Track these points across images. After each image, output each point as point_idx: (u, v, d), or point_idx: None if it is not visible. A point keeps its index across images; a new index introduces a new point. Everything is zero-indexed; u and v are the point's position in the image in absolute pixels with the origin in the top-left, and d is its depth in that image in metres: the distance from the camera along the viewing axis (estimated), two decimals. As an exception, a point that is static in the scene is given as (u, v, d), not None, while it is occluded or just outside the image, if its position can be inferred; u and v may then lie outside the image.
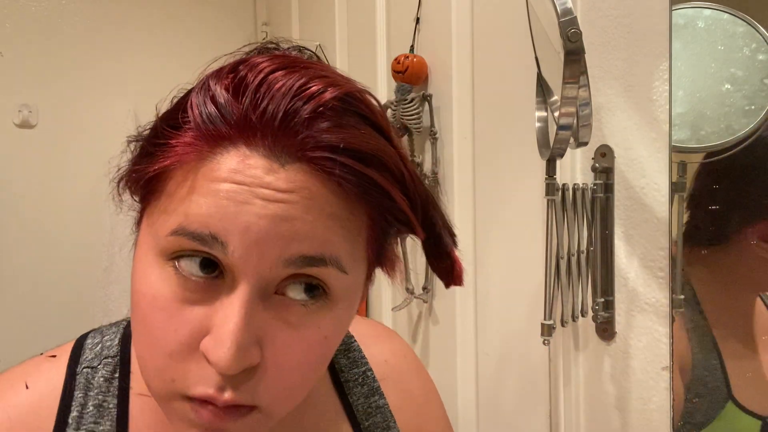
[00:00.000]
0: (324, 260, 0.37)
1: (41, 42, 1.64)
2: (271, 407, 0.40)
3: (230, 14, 1.85)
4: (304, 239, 0.37)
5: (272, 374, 0.38)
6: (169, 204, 0.38)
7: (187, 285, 0.37)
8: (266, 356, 0.38)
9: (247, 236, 0.36)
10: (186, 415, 0.38)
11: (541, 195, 0.70)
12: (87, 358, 0.49)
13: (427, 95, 1.08)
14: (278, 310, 0.38)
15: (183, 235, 0.37)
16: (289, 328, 0.38)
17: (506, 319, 0.97)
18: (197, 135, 0.38)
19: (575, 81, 0.58)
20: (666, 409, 0.73)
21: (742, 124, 0.70)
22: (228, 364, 0.35)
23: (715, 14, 0.73)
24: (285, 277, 0.38)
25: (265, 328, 0.37)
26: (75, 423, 0.45)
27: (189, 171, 0.37)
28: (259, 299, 0.37)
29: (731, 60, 0.71)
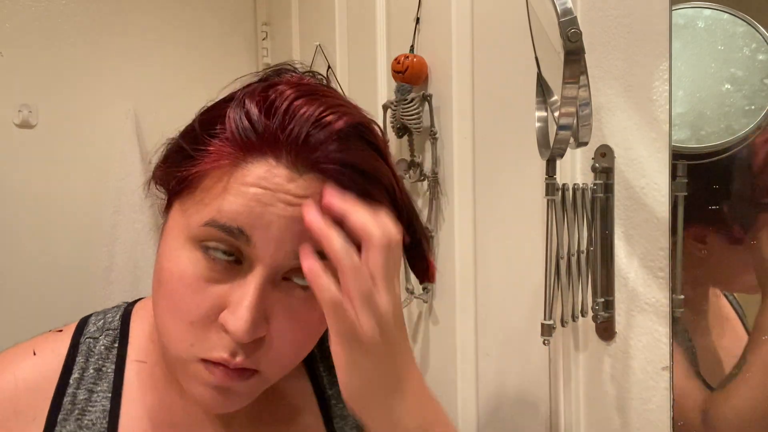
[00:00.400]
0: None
1: (41, 42, 1.64)
2: (268, 373, 0.48)
3: (230, 14, 1.85)
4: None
5: (275, 345, 0.47)
6: (204, 198, 0.45)
7: (211, 267, 0.45)
8: (271, 330, 0.46)
9: (268, 232, 0.44)
10: (200, 374, 0.46)
11: (541, 195, 0.70)
12: (90, 330, 0.56)
13: (427, 95, 1.08)
14: (284, 292, 0.47)
15: (215, 226, 0.45)
16: (292, 308, 0.47)
17: (506, 319, 0.97)
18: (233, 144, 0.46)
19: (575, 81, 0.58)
20: (666, 409, 0.73)
21: (742, 124, 0.70)
22: (243, 333, 0.43)
23: (715, 14, 0.73)
24: (293, 266, 0.46)
25: (272, 307, 0.46)
26: (76, 383, 0.52)
27: (224, 173, 0.45)
28: (270, 282, 0.45)
29: (731, 60, 0.71)
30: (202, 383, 0.47)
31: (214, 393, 0.47)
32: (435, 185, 1.08)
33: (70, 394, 0.52)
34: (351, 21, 1.38)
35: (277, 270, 0.46)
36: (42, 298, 1.59)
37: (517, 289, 0.94)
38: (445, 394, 1.10)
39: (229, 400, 0.48)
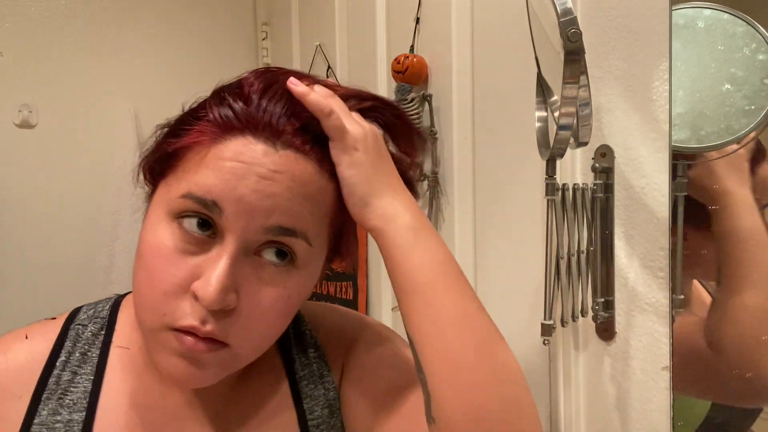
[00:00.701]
0: (295, 232, 0.48)
1: (41, 42, 1.64)
2: (239, 347, 0.49)
3: (230, 14, 1.85)
4: (283, 213, 0.47)
5: (244, 318, 0.48)
6: (184, 174, 0.48)
7: (187, 239, 0.47)
8: (241, 303, 0.48)
9: (240, 205, 0.46)
10: (170, 344, 0.48)
11: (541, 195, 0.70)
12: (80, 318, 0.59)
13: (427, 95, 1.08)
14: (255, 267, 0.48)
15: (190, 198, 0.47)
16: (262, 283, 0.48)
17: (506, 319, 0.97)
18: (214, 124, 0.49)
19: (575, 81, 0.58)
20: (666, 409, 0.73)
21: (742, 124, 0.70)
22: (212, 299, 0.45)
23: (715, 14, 0.73)
24: (263, 242, 0.48)
25: (243, 280, 0.47)
26: (62, 365, 0.55)
27: (203, 148, 0.48)
28: (241, 256, 0.47)
29: (731, 60, 0.71)
30: (172, 353, 0.48)
31: (183, 363, 0.48)
32: (435, 185, 1.08)
33: (55, 375, 0.54)
34: (351, 21, 1.38)
35: (249, 243, 0.48)
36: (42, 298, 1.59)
37: (517, 289, 0.94)
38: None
39: (199, 371, 0.48)
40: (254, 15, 1.88)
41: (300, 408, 0.60)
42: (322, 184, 0.50)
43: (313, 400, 0.60)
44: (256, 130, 0.48)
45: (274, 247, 0.48)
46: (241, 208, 0.46)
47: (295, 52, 1.65)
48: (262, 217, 0.47)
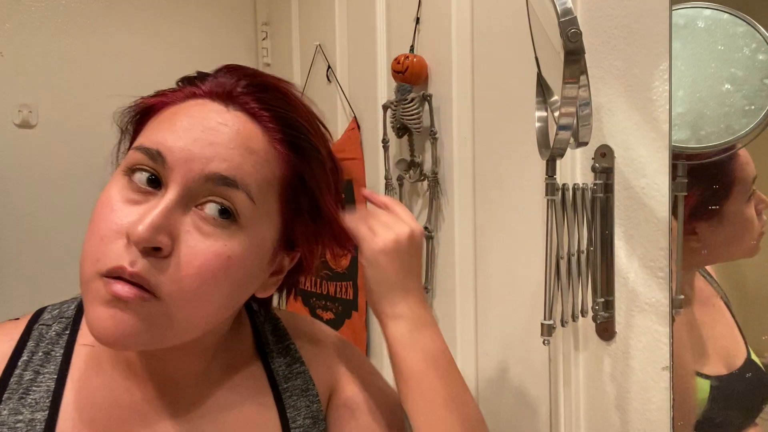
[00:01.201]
0: (236, 183, 0.49)
1: (41, 42, 1.64)
2: (169, 301, 0.48)
3: (230, 14, 1.85)
4: (223, 161, 0.49)
5: (176, 266, 0.48)
6: (145, 132, 0.52)
7: (134, 189, 0.50)
8: (175, 251, 0.48)
9: (181, 153, 0.49)
10: (99, 292, 0.47)
11: (541, 195, 0.71)
12: (44, 318, 0.59)
13: (427, 95, 1.08)
14: (195, 218, 0.49)
15: (139, 149, 0.50)
16: (200, 234, 0.49)
17: (506, 319, 0.97)
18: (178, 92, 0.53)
19: (575, 81, 0.58)
20: (666, 409, 0.73)
21: (742, 124, 0.70)
22: (141, 235, 0.46)
23: (715, 14, 0.73)
24: (206, 194, 0.49)
25: (180, 227, 0.48)
26: (23, 365, 0.55)
27: (165, 111, 0.52)
28: (182, 205, 0.49)
29: (731, 60, 0.71)
30: (100, 302, 0.47)
31: (108, 313, 0.47)
32: (435, 185, 1.08)
33: (16, 375, 0.54)
34: (351, 21, 1.38)
35: (190, 192, 0.49)
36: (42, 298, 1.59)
37: (517, 289, 0.94)
38: (445, 394, 1.10)
39: (123, 321, 0.47)
40: (254, 15, 1.88)
41: (283, 416, 0.62)
42: (269, 148, 0.52)
43: (296, 410, 0.63)
44: (215, 96, 0.52)
45: (217, 202, 0.49)
46: (182, 156, 0.48)
47: (295, 52, 1.65)
48: (200, 164, 0.48)
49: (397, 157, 1.18)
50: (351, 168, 1.37)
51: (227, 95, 0.52)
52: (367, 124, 1.32)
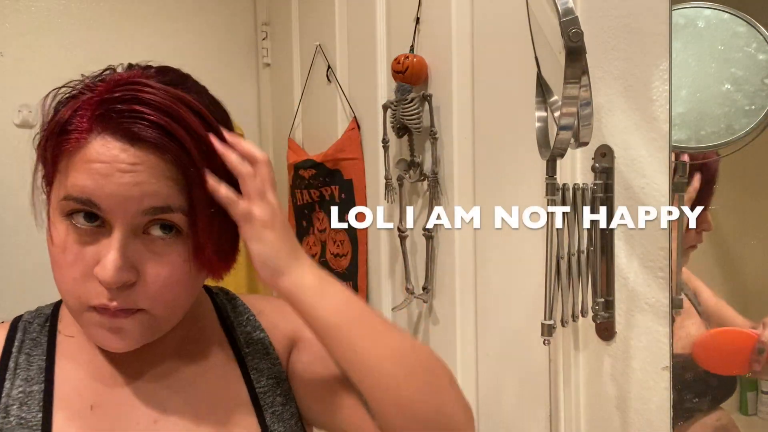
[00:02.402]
0: (170, 208, 0.55)
1: (41, 42, 1.64)
2: (154, 309, 0.57)
3: (230, 14, 1.85)
4: (153, 196, 0.54)
5: (148, 287, 0.56)
6: (63, 178, 0.55)
7: (80, 232, 0.55)
8: (142, 275, 0.55)
9: (112, 199, 0.53)
10: (93, 319, 0.56)
11: (541, 195, 0.71)
12: (25, 317, 0.67)
13: (427, 95, 1.08)
14: (146, 244, 0.56)
15: (70, 200, 0.54)
16: (156, 255, 0.56)
17: (506, 320, 0.97)
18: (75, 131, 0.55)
19: (576, 81, 0.58)
20: (666, 409, 0.73)
21: (742, 124, 0.70)
22: (110, 279, 0.53)
23: (715, 14, 0.73)
24: (146, 222, 0.55)
25: (138, 257, 0.55)
26: (17, 350, 0.63)
27: (72, 154, 0.55)
28: (131, 238, 0.55)
29: (731, 60, 0.72)
30: (97, 326, 0.56)
31: (109, 334, 0.57)
32: (435, 185, 1.08)
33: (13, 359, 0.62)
34: (351, 21, 1.38)
35: (133, 226, 0.55)
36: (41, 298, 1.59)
37: (517, 289, 0.94)
38: (445, 394, 1.10)
39: (126, 338, 0.57)
40: (254, 15, 1.88)
41: (247, 377, 0.67)
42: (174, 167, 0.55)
43: (259, 372, 0.68)
44: (112, 132, 0.54)
45: (158, 222, 0.55)
46: (114, 201, 0.53)
47: (295, 52, 1.65)
48: (135, 204, 0.54)
49: (397, 157, 1.18)
50: (351, 168, 1.37)
51: (124, 132, 0.54)
52: (367, 124, 1.32)
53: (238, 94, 1.85)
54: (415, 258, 1.16)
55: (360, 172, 1.34)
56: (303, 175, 1.51)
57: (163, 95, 0.56)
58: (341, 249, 1.42)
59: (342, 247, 1.42)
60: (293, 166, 1.56)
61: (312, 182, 1.48)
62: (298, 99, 1.62)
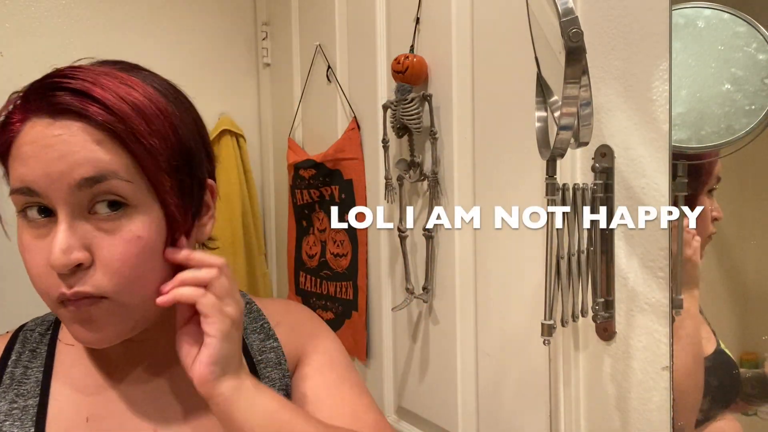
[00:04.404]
0: (103, 176, 0.52)
1: (41, 42, 1.64)
2: (116, 295, 0.54)
3: (230, 14, 1.85)
4: (81, 166, 0.52)
5: (104, 268, 0.53)
6: (10, 171, 0.55)
7: (34, 226, 0.54)
8: (96, 257, 0.53)
9: (45, 179, 0.52)
10: (64, 315, 0.55)
11: (541, 195, 0.71)
12: (28, 325, 0.67)
13: (427, 95, 1.08)
14: (95, 223, 0.54)
15: (14, 193, 0.54)
16: (107, 234, 0.54)
17: (506, 319, 0.97)
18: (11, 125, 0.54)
19: (576, 81, 0.58)
20: (666, 409, 0.73)
21: (742, 124, 0.70)
22: (57, 263, 0.51)
23: (715, 14, 0.73)
24: (90, 199, 0.53)
25: (89, 238, 0.53)
26: (13, 364, 0.62)
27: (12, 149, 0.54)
28: (77, 219, 0.53)
29: (731, 60, 0.72)
30: (70, 321, 0.55)
31: (81, 327, 0.55)
32: (435, 185, 1.08)
33: (8, 373, 0.62)
34: (351, 21, 1.38)
35: (75, 206, 0.53)
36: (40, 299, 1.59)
37: (517, 289, 0.94)
38: (445, 394, 1.10)
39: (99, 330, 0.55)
40: (254, 15, 1.88)
41: None
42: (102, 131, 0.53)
43: (271, 381, 0.68)
44: (36, 112, 0.53)
45: (104, 201, 0.53)
46: (47, 181, 0.52)
47: (295, 52, 1.65)
48: (66, 178, 0.52)
49: (397, 157, 1.18)
50: (351, 168, 1.37)
51: (47, 108, 0.53)
52: (367, 124, 1.32)
53: (238, 94, 1.85)
54: (415, 258, 1.16)
55: (360, 172, 1.34)
56: (303, 175, 1.51)
57: (89, 69, 0.56)
58: (341, 249, 1.42)
59: (342, 247, 1.42)
60: (293, 166, 1.56)
61: (312, 182, 1.48)
62: (298, 99, 1.62)
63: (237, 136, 1.74)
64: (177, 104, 0.60)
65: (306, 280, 1.56)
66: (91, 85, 0.53)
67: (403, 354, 1.23)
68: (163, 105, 0.57)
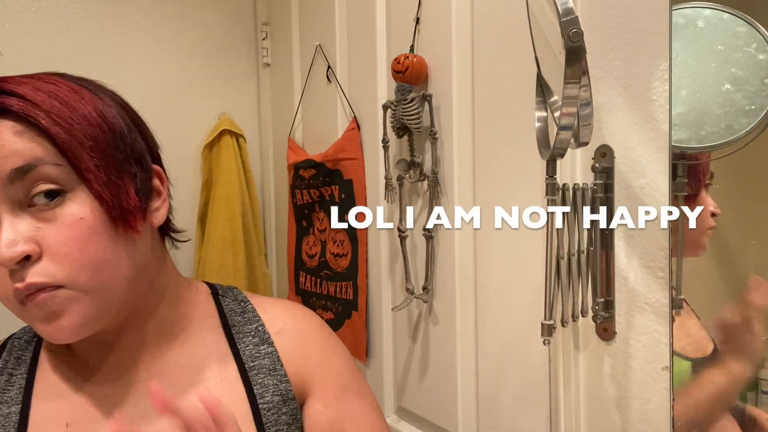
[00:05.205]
0: (33, 165, 0.53)
1: (41, 42, 1.64)
2: (71, 281, 0.54)
3: (230, 14, 1.85)
4: (7, 159, 0.53)
5: (53, 256, 0.53)
6: None
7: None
8: (44, 247, 0.53)
9: None
10: (28, 315, 0.55)
11: (541, 195, 0.71)
12: (16, 334, 0.68)
13: (427, 95, 1.08)
14: (36, 215, 0.54)
15: None
16: (50, 223, 0.54)
17: (506, 319, 0.97)
18: None
19: (576, 81, 0.58)
20: (666, 409, 0.73)
21: (742, 124, 0.70)
22: (3, 257, 0.51)
23: (715, 14, 0.73)
24: (26, 191, 0.53)
25: (33, 230, 0.53)
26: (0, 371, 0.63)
27: None
28: (18, 214, 0.54)
29: (731, 60, 0.72)
30: (35, 321, 0.55)
31: (47, 324, 0.55)
32: (435, 185, 1.08)
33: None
34: (351, 21, 1.38)
35: (11, 201, 0.54)
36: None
37: (517, 289, 0.94)
38: (445, 394, 1.10)
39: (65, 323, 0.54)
40: (254, 15, 1.88)
41: (251, 393, 0.65)
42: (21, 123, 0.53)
43: (263, 387, 0.66)
44: None
45: (38, 192, 0.54)
46: None
47: (295, 52, 1.65)
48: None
49: (397, 157, 1.18)
50: (351, 168, 1.37)
51: None
52: (367, 124, 1.32)
53: (238, 94, 1.85)
54: (415, 258, 1.16)
55: (360, 172, 1.34)
56: (303, 175, 1.51)
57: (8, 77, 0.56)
58: (341, 249, 1.42)
59: (342, 247, 1.42)
60: (293, 166, 1.56)
61: (312, 182, 1.48)
62: (298, 99, 1.62)
63: (237, 136, 1.74)
64: (101, 93, 0.61)
65: (306, 280, 1.56)
66: (4, 83, 0.55)
67: (403, 354, 1.23)
68: (83, 91, 0.58)
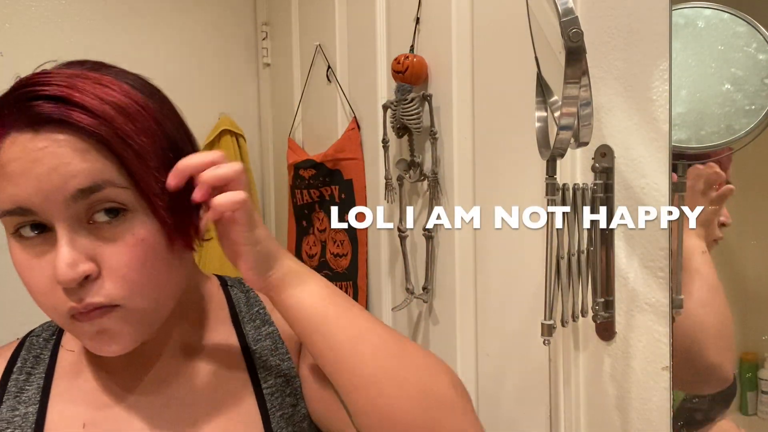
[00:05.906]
0: (98, 185, 0.51)
1: (41, 42, 1.64)
2: (128, 301, 0.53)
3: (230, 14, 1.85)
4: (75, 176, 0.50)
5: (113, 276, 0.52)
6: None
7: (30, 245, 0.52)
8: (102, 266, 0.52)
9: (38, 195, 0.50)
10: (78, 329, 0.54)
11: (541, 195, 0.71)
12: (35, 331, 0.68)
13: (427, 95, 1.08)
14: (96, 233, 0.52)
15: (6, 215, 0.52)
16: (110, 242, 0.52)
17: (506, 319, 0.97)
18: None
19: (576, 81, 0.58)
20: (666, 409, 0.73)
21: (742, 124, 0.70)
22: (64, 278, 0.50)
23: (715, 14, 0.73)
24: (87, 209, 0.51)
25: (92, 248, 0.52)
26: (18, 371, 0.63)
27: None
28: (77, 231, 0.51)
29: (731, 60, 0.72)
30: (84, 335, 0.54)
31: (96, 338, 0.54)
32: (435, 185, 1.08)
33: (13, 379, 0.62)
34: (351, 21, 1.38)
35: (73, 218, 0.51)
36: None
37: (517, 289, 0.94)
38: (444, 394, 1.10)
39: (114, 339, 0.54)
40: (254, 15, 1.88)
41: (254, 376, 0.65)
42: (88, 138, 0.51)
43: (267, 370, 0.66)
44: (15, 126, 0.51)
45: (100, 208, 0.52)
46: (41, 197, 0.50)
47: (295, 52, 1.65)
48: (60, 192, 0.50)
49: (397, 157, 1.18)
50: (351, 168, 1.37)
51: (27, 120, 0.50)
52: (367, 124, 1.32)
53: (238, 94, 1.85)
54: (415, 258, 1.16)
55: (360, 172, 1.34)
56: (303, 175, 1.51)
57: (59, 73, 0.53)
58: (341, 249, 1.42)
59: (342, 247, 1.42)
60: (293, 166, 1.56)
61: (312, 182, 1.48)
62: (298, 99, 1.62)
63: (237, 136, 1.74)
64: (154, 98, 0.58)
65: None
66: (68, 90, 0.51)
67: (403, 354, 1.23)
68: (143, 100, 0.55)
